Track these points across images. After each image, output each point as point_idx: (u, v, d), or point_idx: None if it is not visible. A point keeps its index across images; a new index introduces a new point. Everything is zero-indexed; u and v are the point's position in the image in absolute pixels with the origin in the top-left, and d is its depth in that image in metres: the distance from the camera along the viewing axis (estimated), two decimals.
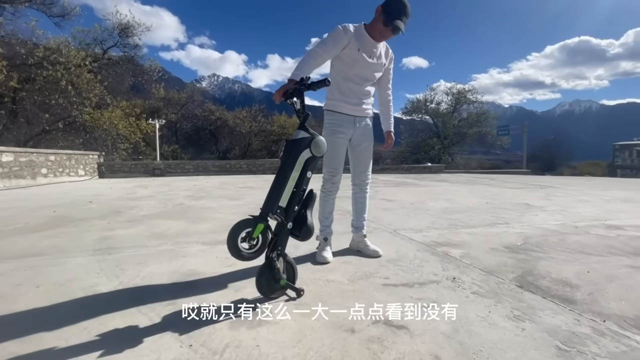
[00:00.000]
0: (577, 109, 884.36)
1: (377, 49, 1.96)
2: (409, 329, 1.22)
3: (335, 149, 2.02)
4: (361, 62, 1.92)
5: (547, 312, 1.34)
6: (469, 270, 1.83)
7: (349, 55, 1.89)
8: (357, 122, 2.03)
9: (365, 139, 2.09)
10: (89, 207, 4.41)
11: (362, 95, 2.01)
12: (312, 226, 1.54)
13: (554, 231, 2.72)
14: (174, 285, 1.65)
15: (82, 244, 2.47)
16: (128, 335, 1.19)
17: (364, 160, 2.13)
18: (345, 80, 1.97)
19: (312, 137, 1.53)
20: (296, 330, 1.22)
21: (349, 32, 1.87)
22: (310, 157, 1.53)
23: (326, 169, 2.09)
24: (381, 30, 1.87)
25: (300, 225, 1.52)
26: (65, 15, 13.83)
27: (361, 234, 2.19)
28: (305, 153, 1.52)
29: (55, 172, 9.91)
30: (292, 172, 1.49)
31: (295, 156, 1.50)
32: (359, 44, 1.90)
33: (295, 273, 1.53)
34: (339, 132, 2.01)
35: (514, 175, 11.50)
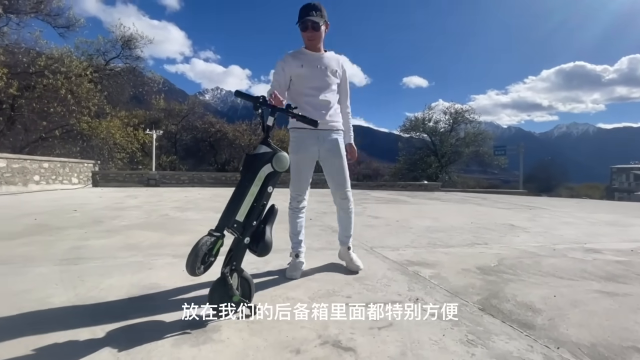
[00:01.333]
0: (574, 132, 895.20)
1: (321, 59, 2.02)
2: (356, 351, 1.19)
3: (299, 168, 2.04)
4: (308, 74, 1.99)
5: (502, 337, 1.31)
6: (435, 292, 1.80)
7: (295, 73, 2.00)
8: (321, 138, 2.01)
9: (333, 154, 2.05)
10: (72, 216, 4.37)
11: (320, 106, 2.00)
12: (270, 241, 1.52)
13: (531, 253, 2.69)
14: (130, 299, 1.61)
15: (51, 253, 2.43)
16: (65, 350, 1.16)
17: (337, 177, 2.10)
18: (300, 95, 2.01)
19: (274, 152, 1.53)
20: (240, 350, 1.18)
21: (286, 58, 2.02)
22: (271, 172, 1.52)
23: (292, 187, 2.10)
24: (303, 37, 1.99)
25: (257, 240, 1.50)
26: (70, 27, 14.16)
27: (345, 248, 2.19)
28: (267, 168, 1.51)
29: (48, 180, 9.90)
30: (251, 186, 1.49)
31: (255, 171, 1.49)
32: (301, 61, 1.99)
33: (252, 289, 1.50)
34: (302, 149, 2.02)
35: (507, 196, 11.51)
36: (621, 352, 1.22)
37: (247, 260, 1.61)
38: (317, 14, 1.90)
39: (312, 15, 1.89)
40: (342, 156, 2.08)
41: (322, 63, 2.01)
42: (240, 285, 1.46)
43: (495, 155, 30.91)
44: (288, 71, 1.99)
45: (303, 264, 2.10)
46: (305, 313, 1.48)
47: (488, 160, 31.39)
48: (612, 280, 2.04)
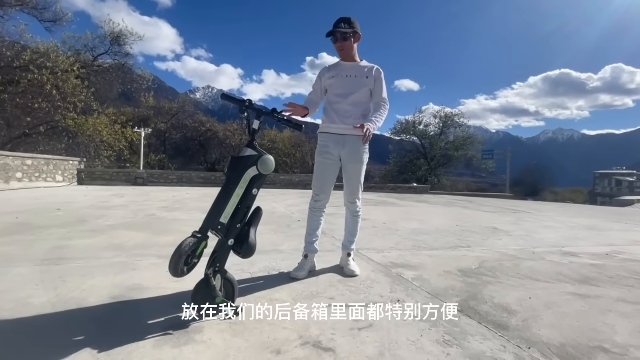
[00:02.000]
0: (560, 137, 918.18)
1: (352, 68, 2.11)
2: (336, 351, 1.22)
3: (321, 169, 2.13)
4: (336, 83, 2.11)
5: (478, 338, 1.36)
6: (416, 293, 1.84)
7: (327, 84, 2.15)
8: (346, 142, 2.07)
9: (352, 159, 2.09)
10: (55, 215, 4.29)
11: (344, 112, 2.08)
12: (254, 244, 1.54)
13: (511, 256, 2.77)
14: (112, 300, 1.60)
15: (32, 253, 2.39)
16: (45, 351, 1.16)
17: (350, 182, 2.14)
18: (329, 104, 2.15)
19: (260, 155, 1.55)
20: (221, 350, 1.20)
21: (323, 70, 2.20)
22: (256, 175, 1.53)
23: (313, 187, 2.18)
24: (336, 49, 2.12)
25: (242, 242, 1.51)
26: (57, 21, 13.86)
27: (345, 253, 2.22)
28: (252, 171, 1.52)
29: (31, 177, 9.66)
30: (236, 188, 1.50)
31: (240, 173, 1.51)
32: (334, 72, 2.14)
33: (235, 290, 1.52)
34: (326, 152, 2.11)
35: (493, 199, 11.74)
36: (588, 351, 1.28)
37: (233, 262, 1.63)
38: (345, 26, 2.02)
39: (341, 27, 2.01)
40: (359, 162, 2.10)
41: (352, 72, 2.10)
42: (224, 286, 1.47)
43: (484, 159, 31.48)
44: (324, 81, 2.16)
45: (312, 265, 2.16)
46: (288, 314, 1.50)
47: (477, 164, 31.95)
48: (585, 283, 2.12)
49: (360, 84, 2.09)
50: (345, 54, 2.11)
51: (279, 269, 2.23)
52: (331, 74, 2.13)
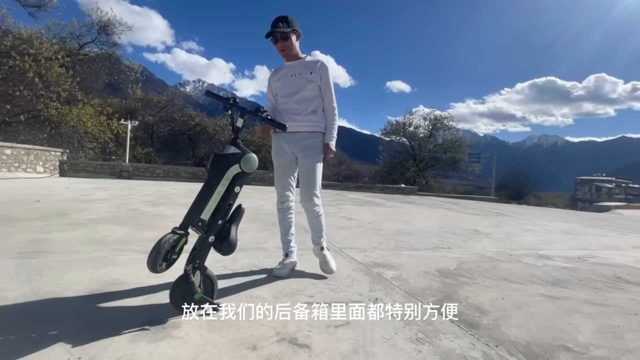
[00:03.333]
0: (544, 143, 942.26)
1: (296, 67, 2.08)
2: (311, 347, 1.25)
3: (279, 169, 2.12)
4: (282, 84, 2.10)
5: (449, 336, 1.41)
6: (394, 293, 1.89)
7: (275, 88, 2.15)
8: (297, 139, 2.05)
9: (306, 154, 2.05)
10: (34, 207, 4.18)
11: (292, 111, 2.05)
12: (235, 241, 1.55)
13: (489, 258, 2.86)
14: (89, 295, 1.59)
15: (8, 246, 2.34)
16: (18, 345, 1.15)
17: (305, 179, 2.08)
18: (278, 105, 2.14)
19: (243, 153, 1.56)
20: (197, 346, 1.21)
21: (270, 76, 2.20)
22: (239, 173, 1.54)
23: (276, 188, 2.17)
24: (278, 50, 2.06)
25: (222, 239, 1.52)
26: (41, 7, 13.42)
27: (317, 248, 2.19)
28: (235, 168, 1.53)
29: (10, 167, 9.36)
30: (218, 185, 1.51)
31: (223, 171, 1.52)
32: (279, 75, 2.13)
33: (215, 287, 1.52)
34: (281, 152, 2.10)
35: (478, 202, 12.00)
36: (551, 350, 1.35)
37: (214, 258, 1.65)
38: (284, 25, 1.95)
39: (279, 27, 1.95)
40: (312, 157, 2.05)
41: (296, 70, 2.07)
42: (203, 283, 1.48)
43: (471, 162, 32.06)
44: (272, 86, 2.15)
45: (294, 263, 2.18)
46: (267, 311, 1.52)
47: (464, 166, 32.51)
48: (556, 284, 2.21)
49: (305, 80, 2.04)
50: (287, 53, 2.06)
51: (261, 266, 2.24)
52: (277, 77, 2.12)
